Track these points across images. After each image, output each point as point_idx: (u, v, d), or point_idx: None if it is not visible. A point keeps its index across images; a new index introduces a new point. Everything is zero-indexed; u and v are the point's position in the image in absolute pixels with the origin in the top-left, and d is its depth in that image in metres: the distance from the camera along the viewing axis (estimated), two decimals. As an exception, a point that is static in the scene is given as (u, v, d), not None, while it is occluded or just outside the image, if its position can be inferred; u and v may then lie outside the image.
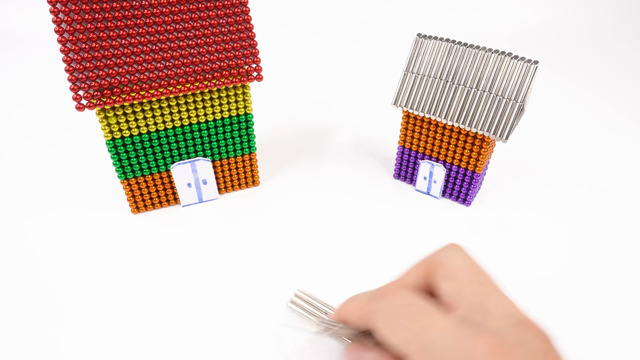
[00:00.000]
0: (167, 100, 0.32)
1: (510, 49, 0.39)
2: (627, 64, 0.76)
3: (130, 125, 0.32)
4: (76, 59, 0.28)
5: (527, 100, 0.32)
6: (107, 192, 0.40)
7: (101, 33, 0.28)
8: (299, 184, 0.41)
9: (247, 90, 0.35)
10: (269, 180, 0.42)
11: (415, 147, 0.39)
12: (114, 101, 0.30)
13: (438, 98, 0.35)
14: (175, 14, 0.30)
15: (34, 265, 0.32)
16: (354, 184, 0.42)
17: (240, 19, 0.32)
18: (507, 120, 0.33)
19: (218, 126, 0.36)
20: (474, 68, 0.34)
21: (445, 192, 0.40)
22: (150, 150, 0.34)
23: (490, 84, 0.33)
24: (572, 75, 0.71)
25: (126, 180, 0.35)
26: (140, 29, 0.29)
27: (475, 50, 0.34)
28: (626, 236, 0.36)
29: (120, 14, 0.28)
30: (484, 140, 0.35)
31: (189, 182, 0.37)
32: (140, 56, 0.30)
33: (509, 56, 0.33)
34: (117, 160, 0.33)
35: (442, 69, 0.35)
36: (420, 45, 0.36)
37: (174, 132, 0.34)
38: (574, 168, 0.45)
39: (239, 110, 0.36)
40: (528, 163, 0.46)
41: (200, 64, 0.32)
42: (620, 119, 0.56)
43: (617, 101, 0.61)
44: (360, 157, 0.46)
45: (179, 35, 0.31)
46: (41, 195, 0.40)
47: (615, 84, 0.67)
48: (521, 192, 0.41)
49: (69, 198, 0.39)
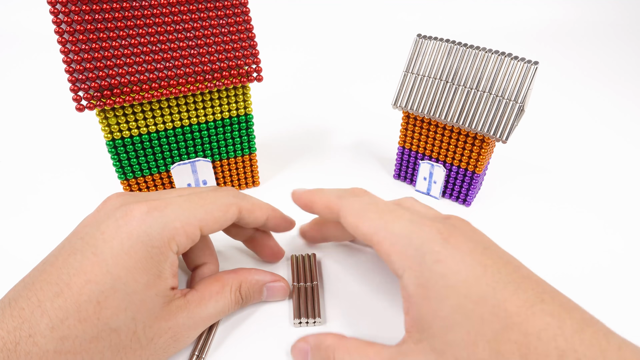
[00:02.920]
0: (167, 101, 0.32)
1: (510, 48, 0.39)
2: (628, 64, 0.76)
3: (130, 126, 0.32)
4: (76, 60, 0.28)
5: (527, 100, 0.32)
6: (107, 192, 0.40)
7: (101, 33, 0.28)
8: (299, 184, 0.41)
9: (247, 91, 0.35)
10: (269, 181, 0.42)
11: (415, 147, 0.39)
12: (114, 102, 0.30)
13: (438, 99, 0.35)
14: (175, 14, 0.30)
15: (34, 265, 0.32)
16: (354, 184, 0.42)
17: (240, 20, 0.32)
18: (507, 121, 0.33)
19: (218, 126, 0.36)
20: (474, 69, 0.34)
21: (445, 193, 0.40)
22: (150, 150, 0.34)
23: (490, 85, 0.33)
24: (572, 75, 0.71)
25: (126, 181, 0.35)
26: (140, 30, 0.29)
27: (475, 50, 0.34)
28: (627, 236, 0.36)
29: (120, 14, 0.28)
30: (484, 141, 0.35)
31: (189, 182, 0.37)
32: (140, 57, 0.30)
33: (509, 57, 0.33)
34: (117, 160, 0.33)
35: (442, 70, 0.35)
36: (420, 45, 0.36)
37: (174, 132, 0.34)
38: (574, 168, 0.45)
39: (239, 110, 0.36)
40: (528, 163, 0.46)
41: (200, 64, 0.32)
42: (622, 118, 0.56)
43: (618, 101, 0.61)
44: (360, 157, 0.46)
45: (179, 35, 0.31)
46: (41, 195, 0.40)
47: (616, 84, 0.67)
48: (521, 192, 0.41)
49: (69, 198, 0.39)
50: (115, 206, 0.22)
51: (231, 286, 0.26)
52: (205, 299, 0.24)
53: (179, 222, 0.22)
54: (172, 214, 0.22)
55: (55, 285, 0.19)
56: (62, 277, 0.20)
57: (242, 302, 0.26)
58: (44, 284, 0.19)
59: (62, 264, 0.20)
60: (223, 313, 0.25)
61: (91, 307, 0.19)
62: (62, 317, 0.19)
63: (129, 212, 0.21)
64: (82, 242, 0.21)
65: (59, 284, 0.19)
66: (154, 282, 0.21)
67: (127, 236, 0.21)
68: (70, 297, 0.19)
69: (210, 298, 0.24)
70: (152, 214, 0.22)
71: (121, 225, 0.21)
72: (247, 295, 0.26)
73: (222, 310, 0.25)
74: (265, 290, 0.27)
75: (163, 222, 0.22)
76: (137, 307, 0.20)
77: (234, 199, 0.25)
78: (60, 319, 0.19)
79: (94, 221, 0.22)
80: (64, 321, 0.19)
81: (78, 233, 0.22)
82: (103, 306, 0.19)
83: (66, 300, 0.19)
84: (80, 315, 0.19)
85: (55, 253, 0.21)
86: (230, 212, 0.25)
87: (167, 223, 0.22)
